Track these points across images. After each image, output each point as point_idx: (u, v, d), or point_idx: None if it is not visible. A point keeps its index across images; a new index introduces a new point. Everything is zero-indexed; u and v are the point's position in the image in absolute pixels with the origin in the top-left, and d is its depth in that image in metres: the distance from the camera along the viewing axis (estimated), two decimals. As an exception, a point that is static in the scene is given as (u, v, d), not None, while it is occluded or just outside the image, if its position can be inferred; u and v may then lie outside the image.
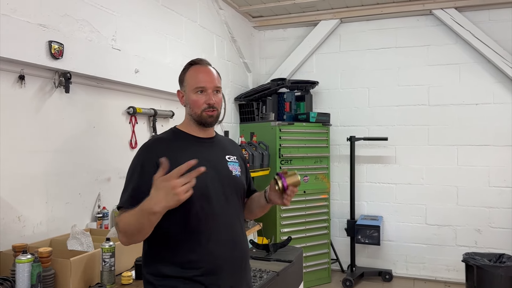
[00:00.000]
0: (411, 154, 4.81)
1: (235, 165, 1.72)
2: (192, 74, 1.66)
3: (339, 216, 5.04)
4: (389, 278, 4.69)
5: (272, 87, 4.71)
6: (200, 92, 1.63)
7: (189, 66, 1.69)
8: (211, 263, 1.54)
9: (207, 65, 1.70)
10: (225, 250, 1.58)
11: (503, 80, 4.48)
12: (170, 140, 1.64)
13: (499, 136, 4.50)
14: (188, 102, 1.66)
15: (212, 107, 1.63)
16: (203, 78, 1.64)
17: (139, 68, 3.04)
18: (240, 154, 1.83)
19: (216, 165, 1.64)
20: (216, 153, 1.70)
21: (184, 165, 1.30)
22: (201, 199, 1.52)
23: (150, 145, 1.62)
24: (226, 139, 1.90)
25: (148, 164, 1.51)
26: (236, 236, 1.64)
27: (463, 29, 4.49)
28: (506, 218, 4.48)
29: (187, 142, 1.66)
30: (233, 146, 1.85)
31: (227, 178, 1.66)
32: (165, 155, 1.43)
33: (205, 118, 1.64)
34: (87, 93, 2.71)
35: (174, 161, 1.42)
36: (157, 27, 3.34)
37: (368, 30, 4.97)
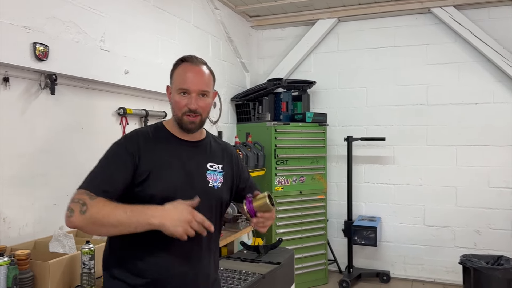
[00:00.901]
0: (409, 154, 4.75)
1: (217, 175, 1.60)
2: (180, 72, 1.56)
3: (337, 217, 5.00)
4: (386, 279, 4.65)
5: (268, 87, 4.69)
6: (184, 94, 1.53)
7: (180, 62, 1.58)
8: (159, 275, 1.47)
9: (199, 64, 1.58)
10: (179, 265, 1.49)
11: (503, 79, 4.41)
12: (152, 136, 1.56)
13: (499, 136, 4.43)
14: (172, 101, 1.58)
15: (194, 112, 1.52)
16: (190, 79, 1.53)
17: (129, 69, 3.03)
18: (231, 161, 1.71)
19: (192, 173, 1.54)
20: (196, 160, 1.58)
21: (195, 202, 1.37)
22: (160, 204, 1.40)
23: (131, 138, 1.54)
24: (219, 144, 1.74)
25: (126, 156, 1.46)
26: (198, 253, 1.54)
27: (462, 28, 4.42)
28: (506, 220, 4.41)
29: (168, 142, 1.57)
30: (225, 153, 1.71)
31: (201, 189, 1.53)
32: (144, 151, 1.48)
33: (186, 123, 1.54)
34: (75, 94, 2.71)
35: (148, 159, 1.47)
36: (148, 27, 3.33)
37: (366, 29, 4.92)
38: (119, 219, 1.32)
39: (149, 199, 1.42)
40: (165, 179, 1.48)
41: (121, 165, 1.45)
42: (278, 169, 4.39)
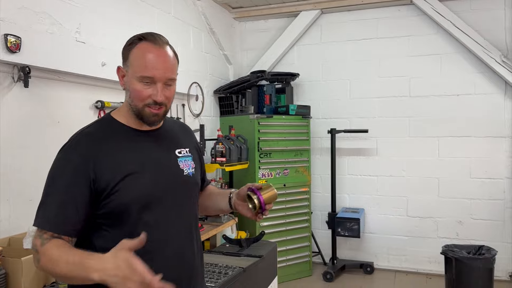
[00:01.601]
0: (392, 146, 4.78)
1: (188, 161, 1.43)
2: (139, 54, 1.28)
3: (321, 209, 5.01)
4: (370, 270, 4.68)
5: (251, 80, 4.65)
6: (146, 83, 1.28)
7: (138, 41, 1.31)
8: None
9: (163, 46, 1.31)
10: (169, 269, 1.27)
11: (484, 71, 4.44)
12: (102, 136, 1.30)
13: (480, 127, 4.47)
14: (129, 88, 1.31)
15: (159, 104, 1.30)
16: (154, 65, 1.27)
17: (106, 61, 2.97)
18: (193, 142, 1.55)
19: (163, 165, 1.36)
20: (163, 149, 1.39)
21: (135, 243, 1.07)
22: (142, 211, 1.26)
23: (77, 146, 1.26)
24: (176, 125, 1.55)
25: (75, 175, 1.21)
26: (185, 251, 1.38)
27: (444, 19, 4.44)
28: (487, 210, 4.47)
29: (124, 138, 1.33)
30: (185, 134, 1.53)
31: (178, 180, 1.37)
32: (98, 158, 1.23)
33: (148, 115, 1.31)
34: (50, 88, 2.64)
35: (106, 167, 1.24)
36: (126, 19, 3.26)
37: (349, 21, 4.90)
38: (63, 273, 1.12)
39: (125, 209, 1.24)
40: (135, 183, 1.26)
41: (74, 189, 1.21)
42: (262, 162, 4.37)
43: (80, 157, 1.24)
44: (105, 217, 1.25)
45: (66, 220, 1.20)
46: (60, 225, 1.19)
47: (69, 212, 1.19)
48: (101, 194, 1.24)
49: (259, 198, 1.36)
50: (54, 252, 1.14)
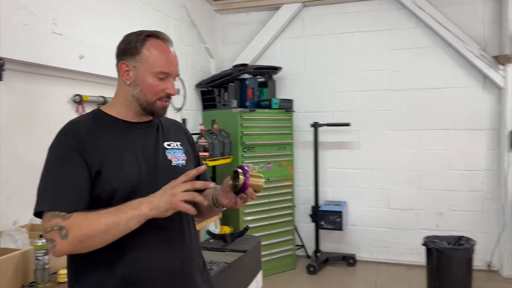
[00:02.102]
0: (373, 140, 4.81)
1: (177, 153, 1.46)
2: (156, 52, 1.36)
3: (304, 202, 5.02)
4: (353, 262, 4.72)
5: (234, 73, 4.60)
6: (161, 78, 1.36)
7: (147, 37, 1.37)
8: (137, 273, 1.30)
9: (170, 44, 1.42)
10: (157, 258, 1.33)
11: (463, 64, 4.50)
12: (92, 125, 1.36)
13: (460, 120, 4.54)
14: (140, 83, 1.36)
15: (169, 98, 1.41)
16: (172, 62, 1.38)
17: (84, 54, 2.88)
18: (186, 138, 1.57)
19: (150, 155, 1.39)
20: (151, 140, 1.43)
21: (194, 170, 1.24)
22: (128, 197, 1.26)
23: (70, 132, 1.32)
24: (168, 121, 1.58)
25: (74, 154, 1.27)
26: (175, 240, 1.39)
27: (424, 13, 4.47)
28: (466, 201, 4.55)
29: (114, 128, 1.38)
30: (176, 129, 1.57)
31: (165, 170, 1.38)
32: (89, 144, 1.29)
33: (158, 108, 1.39)
34: (25, 81, 2.55)
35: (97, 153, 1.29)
36: (104, 10, 3.17)
37: (331, 14, 4.90)
38: (106, 223, 1.18)
39: (111, 195, 1.28)
40: (122, 170, 1.31)
41: (74, 168, 1.26)
42: (245, 156, 4.34)
43: (73, 140, 1.29)
44: (96, 202, 1.28)
45: (76, 196, 1.24)
46: (73, 202, 1.23)
47: (77, 189, 1.25)
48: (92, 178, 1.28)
49: (246, 177, 1.29)
50: (86, 215, 1.19)
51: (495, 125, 4.43)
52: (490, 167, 4.48)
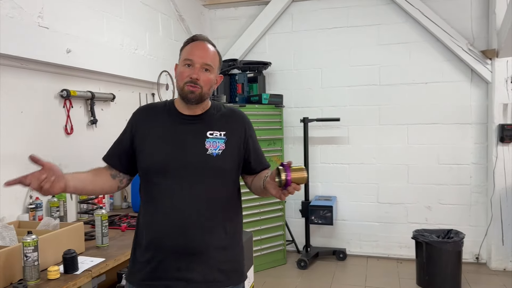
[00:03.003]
0: (363, 134, 4.83)
1: (217, 142, 1.60)
2: (188, 48, 1.63)
3: (295, 198, 5.00)
4: (343, 257, 4.74)
5: (223, 68, 4.53)
6: (188, 66, 1.58)
7: (190, 41, 1.66)
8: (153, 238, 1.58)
9: (204, 41, 1.65)
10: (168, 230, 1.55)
11: (451, 59, 4.53)
12: (154, 110, 1.71)
13: (448, 114, 4.57)
14: (177, 74, 1.63)
15: (195, 82, 1.56)
16: (194, 51, 1.60)
17: (71, 48, 2.83)
18: (239, 128, 1.67)
19: (186, 143, 1.60)
20: (192, 131, 1.62)
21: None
22: (160, 175, 1.57)
23: (136, 111, 1.74)
24: (226, 111, 1.71)
25: (128, 126, 1.69)
26: (189, 217, 1.54)
27: (412, 8, 4.49)
28: (454, 195, 4.60)
29: (168, 116, 1.66)
30: (230, 119, 1.69)
31: (197, 156, 1.57)
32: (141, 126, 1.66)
33: (186, 92, 1.57)
34: (11, 75, 2.50)
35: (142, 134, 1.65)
36: (91, 3, 3.12)
37: (320, 9, 4.89)
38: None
39: (146, 171, 1.61)
40: (156, 150, 1.60)
41: (122, 139, 1.70)
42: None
43: (132, 119, 1.71)
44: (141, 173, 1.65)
45: (112, 155, 1.71)
46: (109, 157, 1.72)
47: (117, 150, 1.71)
48: (136, 152, 1.65)
49: (287, 175, 1.38)
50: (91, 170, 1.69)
51: (483, 119, 4.48)
52: (478, 161, 4.53)
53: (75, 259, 1.98)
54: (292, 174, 1.39)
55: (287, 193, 1.44)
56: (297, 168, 1.41)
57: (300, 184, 1.42)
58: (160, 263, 1.55)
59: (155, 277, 1.56)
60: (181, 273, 1.54)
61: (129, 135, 1.66)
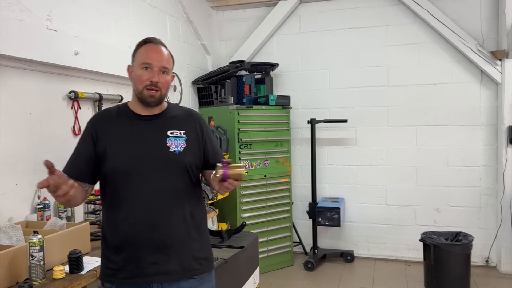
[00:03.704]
0: (371, 136, 4.80)
1: (178, 140, 1.68)
2: (142, 50, 1.68)
3: (302, 199, 5.01)
4: (350, 259, 4.72)
5: (230, 70, 4.59)
6: (146, 69, 1.63)
7: (144, 43, 1.70)
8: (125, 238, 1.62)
9: (159, 44, 1.71)
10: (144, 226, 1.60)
11: (460, 60, 4.49)
12: (113, 115, 1.73)
13: (457, 115, 4.53)
14: (134, 77, 1.67)
15: (154, 86, 1.63)
16: (151, 55, 1.65)
17: (79, 50, 2.86)
18: (195, 126, 1.76)
19: (148, 142, 1.66)
20: (153, 130, 1.68)
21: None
22: (125, 176, 1.61)
23: (93, 119, 1.75)
24: (182, 111, 1.81)
25: (88, 135, 1.68)
26: (159, 213, 1.62)
27: (421, 8, 4.46)
28: (463, 197, 4.55)
29: (126, 119, 1.70)
30: (187, 119, 1.78)
31: (160, 155, 1.64)
32: (102, 130, 1.67)
33: (146, 96, 1.64)
34: (20, 77, 2.53)
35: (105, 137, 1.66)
36: (99, 6, 3.15)
37: (328, 11, 4.88)
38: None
39: (112, 172, 1.62)
40: (121, 153, 1.63)
41: (83, 147, 1.67)
42: (242, 153, 4.33)
43: (90, 126, 1.70)
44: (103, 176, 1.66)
45: (75, 166, 1.66)
46: (71, 170, 1.63)
47: (78, 161, 1.67)
48: (99, 157, 1.64)
49: (224, 170, 1.52)
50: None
51: (493, 120, 4.43)
52: (487, 162, 4.47)
53: (80, 259, 2.01)
54: (229, 170, 1.52)
55: (224, 188, 1.55)
56: (234, 165, 1.55)
57: (237, 181, 1.54)
58: (137, 260, 1.61)
59: (135, 275, 1.61)
60: (159, 266, 1.61)
61: (89, 143, 1.66)
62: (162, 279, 1.62)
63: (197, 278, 1.70)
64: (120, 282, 1.64)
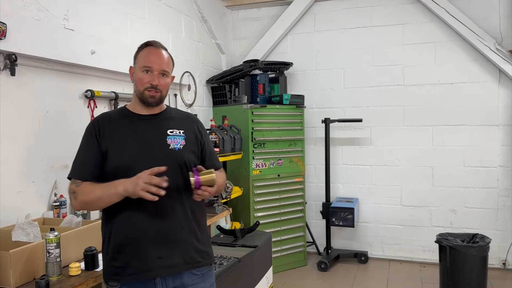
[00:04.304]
0: (386, 135, 4.75)
1: (178, 139, 1.76)
2: (143, 53, 1.76)
3: (315, 199, 4.99)
4: (364, 259, 4.68)
5: (244, 69, 4.59)
6: (146, 72, 1.72)
7: (144, 46, 1.78)
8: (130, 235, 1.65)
9: (160, 48, 1.79)
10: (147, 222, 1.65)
11: (478, 59, 4.42)
12: (114, 117, 1.78)
13: (474, 115, 4.46)
14: (135, 79, 1.76)
15: (155, 88, 1.72)
16: (152, 59, 1.73)
17: (96, 49, 2.90)
18: (193, 127, 1.85)
19: (151, 140, 1.73)
20: (154, 129, 1.76)
21: (156, 169, 1.55)
22: (127, 172, 1.62)
23: (94, 121, 1.78)
24: (181, 114, 1.92)
25: (91, 139, 1.71)
26: (162, 208, 1.66)
27: (438, 7, 4.40)
28: (480, 198, 4.48)
29: (127, 119, 1.76)
30: (186, 120, 1.87)
31: (161, 152, 1.71)
32: (104, 131, 1.71)
33: (147, 97, 1.72)
34: (38, 76, 2.57)
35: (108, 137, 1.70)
36: (115, 5, 3.18)
37: (343, 9, 4.85)
38: (98, 195, 1.60)
39: (115, 170, 1.66)
40: (123, 150, 1.69)
41: (90, 148, 1.70)
42: (256, 152, 4.33)
43: (94, 128, 1.73)
44: (106, 174, 1.68)
45: (86, 169, 1.68)
46: (83, 173, 1.68)
47: (88, 164, 1.69)
48: (103, 156, 1.69)
49: (195, 178, 1.60)
50: (89, 186, 1.64)
51: (511, 120, 4.34)
52: (505, 163, 4.39)
53: (95, 257, 2.03)
54: (200, 177, 1.60)
55: (198, 196, 1.64)
56: (205, 172, 1.63)
57: (211, 186, 1.63)
58: (142, 256, 1.65)
59: (141, 270, 1.65)
60: (163, 260, 1.66)
61: (94, 144, 1.70)
62: (166, 273, 1.67)
63: (199, 275, 1.75)
64: (126, 279, 1.66)
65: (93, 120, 1.81)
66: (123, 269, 1.66)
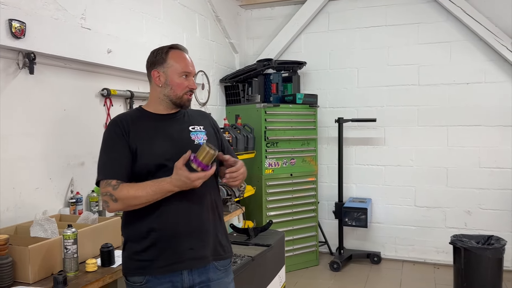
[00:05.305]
0: (400, 136, 4.72)
1: (200, 134, 1.82)
2: (177, 58, 1.78)
3: (328, 199, 4.98)
4: (377, 260, 4.66)
5: (258, 68, 4.59)
6: (185, 77, 1.77)
7: (170, 49, 1.79)
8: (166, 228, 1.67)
9: (186, 51, 1.85)
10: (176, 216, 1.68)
11: (495, 59, 4.36)
12: (134, 116, 1.79)
13: (490, 116, 4.40)
14: (170, 83, 1.76)
15: (192, 91, 1.81)
16: (189, 64, 1.80)
17: (112, 48, 2.92)
18: (209, 123, 1.93)
19: (176, 136, 1.77)
20: (177, 126, 1.80)
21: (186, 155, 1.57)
22: (160, 170, 1.66)
23: (117, 122, 1.76)
24: (195, 111, 1.98)
25: (119, 139, 1.71)
26: (192, 201, 1.70)
27: (454, 6, 4.35)
28: (496, 199, 4.42)
29: (149, 118, 1.79)
30: (201, 117, 1.94)
31: (189, 147, 1.69)
32: (130, 131, 1.72)
33: (185, 100, 1.80)
34: (55, 75, 2.61)
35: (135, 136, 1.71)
36: (131, 5, 3.21)
37: (357, 8, 4.82)
38: (146, 192, 1.60)
39: (144, 167, 1.68)
40: (152, 148, 1.71)
41: (119, 148, 1.70)
42: (268, 152, 4.33)
43: (119, 128, 1.73)
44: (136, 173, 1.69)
45: (122, 170, 1.67)
46: (116, 174, 1.66)
47: (122, 164, 1.68)
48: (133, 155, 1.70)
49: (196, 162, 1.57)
50: (132, 185, 1.62)
51: (528, 121, 4.29)
52: (522, 165, 4.34)
53: (112, 253, 2.05)
54: (199, 158, 1.57)
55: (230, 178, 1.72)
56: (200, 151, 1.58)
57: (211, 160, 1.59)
58: (174, 248, 1.68)
59: (172, 262, 1.67)
60: (194, 251, 1.70)
61: (123, 144, 1.70)
62: (196, 264, 1.70)
63: (223, 270, 1.79)
64: (156, 272, 1.66)
65: (114, 120, 1.78)
66: (152, 262, 1.67)
